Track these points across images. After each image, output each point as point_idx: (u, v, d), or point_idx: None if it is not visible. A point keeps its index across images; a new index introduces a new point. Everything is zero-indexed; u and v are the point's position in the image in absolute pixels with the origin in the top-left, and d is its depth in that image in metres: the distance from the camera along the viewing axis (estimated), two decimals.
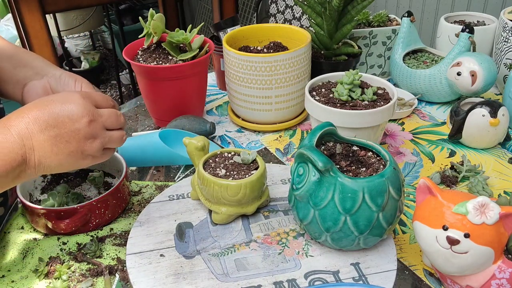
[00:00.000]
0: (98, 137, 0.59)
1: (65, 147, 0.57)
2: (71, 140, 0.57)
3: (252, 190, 0.70)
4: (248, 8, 2.53)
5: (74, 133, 0.57)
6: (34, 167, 0.57)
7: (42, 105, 0.57)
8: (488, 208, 0.52)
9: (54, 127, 0.56)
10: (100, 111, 0.61)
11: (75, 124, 0.57)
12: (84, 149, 0.58)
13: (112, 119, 0.62)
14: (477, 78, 0.94)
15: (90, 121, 0.58)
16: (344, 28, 0.98)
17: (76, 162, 0.59)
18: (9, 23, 2.44)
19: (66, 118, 0.57)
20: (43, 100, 0.59)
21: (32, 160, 0.56)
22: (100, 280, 0.66)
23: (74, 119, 0.57)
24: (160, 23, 0.94)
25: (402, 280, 0.64)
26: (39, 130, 0.56)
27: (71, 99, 0.58)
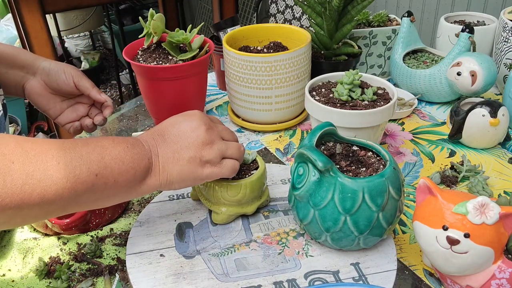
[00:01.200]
0: (216, 143, 0.64)
1: (185, 152, 0.61)
2: (191, 146, 0.62)
3: (252, 190, 0.70)
4: (248, 8, 2.53)
5: (193, 139, 0.62)
6: (158, 174, 0.60)
7: (167, 123, 0.64)
8: (488, 208, 0.52)
9: (176, 137, 0.62)
10: (216, 124, 0.67)
11: (194, 132, 0.62)
12: (202, 155, 0.62)
13: (227, 131, 0.68)
14: (477, 78, 0.94)
15: (207, 128, 0.63)
16: (344, 28, 0.98)
17: (195, 169, 0.62)
18: (9, 23, 2.44)
19: (188, 128, 0.63)
20: (169, 120, 0.65)
21: (156, 166, 0.60)
22: (100, 280, 0.66)
23: (194, 128, 0.63)
24: (160, 23, 0.94)
25: (402, 280, 0.64)
26: (163, 141, 0.62)
27: (192, 114, 0.65)
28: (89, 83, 0.82)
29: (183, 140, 0.62)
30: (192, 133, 0.62)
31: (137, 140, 0.60)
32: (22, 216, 0.50)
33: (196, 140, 0.62)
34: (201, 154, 0.62)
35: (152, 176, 0.60)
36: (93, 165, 0.54)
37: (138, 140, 0.60)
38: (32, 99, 0.83)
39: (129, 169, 0.57)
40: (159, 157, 0.60)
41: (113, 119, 1.07)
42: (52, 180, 0.50)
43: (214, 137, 0.64)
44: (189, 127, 0.63)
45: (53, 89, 0.82)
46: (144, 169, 0.59)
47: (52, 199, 0.51)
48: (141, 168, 0.58)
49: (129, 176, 0.57)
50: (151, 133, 0.63)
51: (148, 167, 0.59)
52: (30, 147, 0.51)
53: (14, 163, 0.48)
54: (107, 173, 0.55)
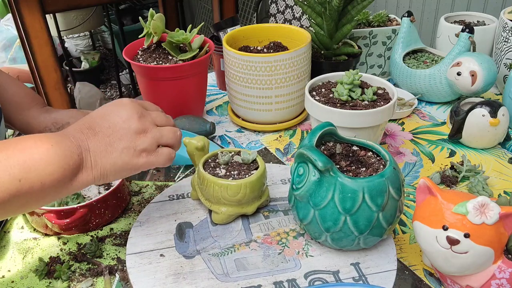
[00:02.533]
0: (149, 131, 0.61)
1: (118, 144, 0.59)
2: (123, 137, 0.59)
3: (252, 190, 0.70)
4: (248, 8, 2.53)
5: (126, 130, 0.59)
6: (91, 168, 0.58)
7: (95, 115, 0.61)
8: (488, 208, 0.52)
9: (107, 129, 0.59)
10: (148, 111, 0.63)
11: (126, 122, 0.60)
12: (136, 144, 0.60)
13: (161, 117, 0.64)
14: (477, 78, 0.94)
15: (139, 117, 0.60)
16: (344, 28, 0.98)
17: (130, 159, 0.60)
18: (9, 23, 2.44)
19: (118, 118, 0.60)
20: (97, 110, 0.62)
21: (88, 161, 0.57)
22: (100, 280, 0.66)
23: (125, 118, 0.60)
24: (160, 23, 0.94)
25: (402, 280, 0.64)
26: (93, 134, 0.58)
27: (121, 103, 0.62)
28: None
29: (115, 132, 0.59)
30: (124, 124, 0.59)
31: (64, 136, 0.57)
32: None
33: (128, 131, 0.59)
34: (135, 144, 0.60)
35: (84, 172, 0.57)
36: (14, 170, 0.51)
37: (65, 136, 0.57)
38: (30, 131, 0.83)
39: (56, 169, 0.54)
40: (90, 152, 0.58)
41: None
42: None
43: (147, 125, 0.61)
44: (120, 118, 0.60)
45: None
46: (74, 166, 0.56)
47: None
48: (70, 166, 0.55)
49: (57, 176, 0.54)
50: (80, 126, 0.59)
51: (79, 163, 0.56)
52: None
53: None
54: (32, 177, 0.52)
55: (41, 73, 1.68)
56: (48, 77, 1.69)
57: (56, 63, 1.69)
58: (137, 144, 0.60)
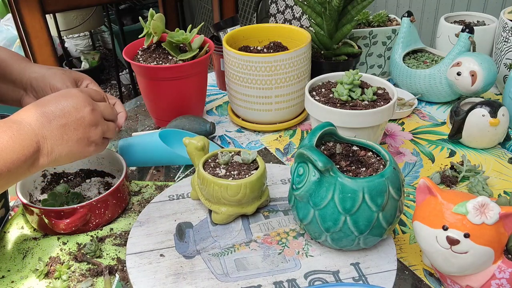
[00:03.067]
0: (99, 124, 0.66)
1: (74, 134, 0.63)
2: (78, 127, 0.63)
3: (252, 190, 0.70)
4: (248, 8, 2.53)
5: (80, 121, 0.63)
6: (47, 155, 0.61)
7: (47, 101, 0.63)
8: (488, 208, 0.52)
9: (61, 117, 0.62)
10: (98, 103, 0.68)
11: (79, 113, 0.64)
12: (89, 135, 0.65)
13: (108, 110, 0.70)
14: (477, 78, 0.94)
15: (91, 109, 0.65)
16: (344, 28, 0.98)
17: (83, 149, 0.65)
18: (9, 23, 2.44)
19: (72, 108, 0.63)
20: (46, 98, 0.64)
21: (45, 148, 0.61)
22: (100, 280, 0.66)
23: (78, 109, 0.64)
24: (160, 23, 0.94)
25: (402, 280, 0.64)
26: (48, 121, 0.61)
27: (72, 94, 0.65)
28: None
29: (70, 122, 0.63)
30: (78, 114, 0.63)
31: (21, 124, 0.59)
32: None
33: (83, 122, 0.64)
34: (88, 135, 0.65)
35: (41, 158, 0.61)
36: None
37: (22, 124, 0.59)
38: None
39: (20, 157, 0.57)
40: (46, 140, 0.61)
41: None
42: None
43: (98, 118, 0.66)
44: (73, 108, 0.63)
45: None
46: (33, 153, 0.59)
47: None
48: (31, 153, 0.59)
49: (20, 163, 0.57)
50: (33, 113, 0.61)
51: (37, 150, 0.60)
52: None
53: None
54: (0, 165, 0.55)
55: None
56: None
57: (56, 63, 1.69)
58: (90, 135, 0.65)
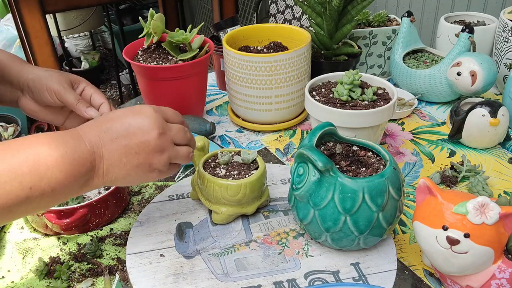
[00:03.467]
0: (167, 151, 0.59)
1: (134, 158, 0.57)
2: (141, 151, 0.57)
3: (252, 190, 0.70)
4: (248, 8, 2.53)
5: (144, 145, 0.57)
6: (102, 176, 0.56)
7: (115, 117, 0.58)
8: (488, 208, 0.52)
9: (125, 137, 0.56)
10: (170, 125, 0.61)
11: (145, 136, 0.57)
12: (152, 162, 0.58)
13: (180, 134, 0.62)
14: (477, 78, 0.94)
15: (160, 134, 0.58)
16: (344, 28, 0.98)
17: (143, 175, 0.59)
18: (9, 23, 2.44)
19: (138, 129, 0.57)
20: (116, 112, 0.59)
21: (100, 168, 0.56)
22: (100, 280, 0.66)
23: (145, 131, 0.57)
24: (160, 23, 0.94)
25: (402, 280, 0.64)
26: (109, 140, 0.56)
27: (143, 112, 0.58)
28: (74, 98, 0.73)
29: (132, 144, 0.57)
30: (143, 137, 0.57)
31: (79, 140, 0.55)
32: None
33: (147, 146, 0.57)
34: (151, 161, 0.58)
35: (95, 178, 0.56)
36: (25, 178, 0.50)
37: (80, 140, 0.55)
38: (30, 115, 0.78)
39: (68, 177, 0.53)
40: (103, 159, 0.56)
41: None
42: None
43: (166, 144, 0.59)
44: (139, 129, 0.57)
45: (44, 104, 0.76)
46: (86, 173, 0.55)
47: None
48: (82, 173, 0.54)
49: (68, 183, 0.53)
50: (97, 128, 0.57)
51: (91, 169, 0.55)
52: None
53: None
54: (43, 185, 0.51)
55: None
56: None
57: (56, 63, 1.69)
58: (153, 162, 0.58)
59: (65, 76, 0.76)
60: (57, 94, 0.72)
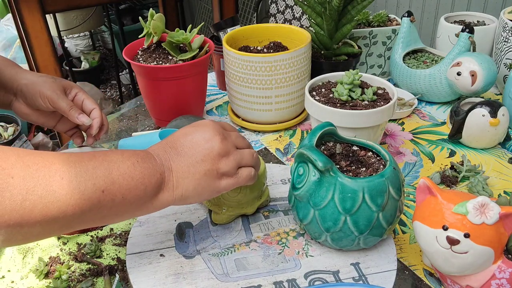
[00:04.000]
0: (231, 154, 0.61)
1: (201, 166, 0.58)
2: (206, 158, 0.59)
3: (252, 190, 0.70)
4: (248, 8, 2.53)
5: (209, 151, 0.59)
6: (172, 189, 0.57)
7: (179, 134, 0.61)
8: (488, 208, 0.52)
9: (190, 149, 0.59)
10: (229, 132, 0.63)
11: (208, 143, 0.59)
12: (219, 167, 0.59)
13: (240, 139, 0.64)
14: (477, 78, 0.94)
15: (222, 139, 0.60)
16: (344, 28, 0.98)
17: (212, 182, 0.59)
18: (9, 23, 2.44)
19: (201, 139, 0.59)
20: (179, 130, 0.62)
21: (170, 181, 0.57)
22: (100, 280, 0.66)
23: (207, 139, 0.59)
24: (160, 23, 0.94)
25: (402, 280, 0.64)
26: (176, 154, 0.58)
27: (203, 124, 0.62)
28: (66, 104, 0.74)
29: (197, 153, 0.59)
30: (207, 144, 0.59)
31: (148, 153, 0.57)
32: (23, 234, 0.48)
33: (211, 152, 0.59)
34: (217, 166, 0.59)
35: (166, 192, 0.57)
36: (99, 180, 0.51)
37: (149, 154, 0.57)
38: (22, 118, 0.79)
39: (138, 185, 0.54)
40: (172, 172, 0.57)
41: (113, 119, 1.07)
42: (54, 196, 0.48)
43: (229, 148, 0.61)
44: (202, 138, 0.59)
45: (36, 109, 0.77)
46: (156, 184, 0.56)
47: (55, 217, 0.48)
48: (152, 183, 0.55)
49: (138, 192, 0.54)
50: (163, 145, 0.60)
51: (161, 182, 0.56)
52: (32, 161, 0.48)
53: (13, 178, 0.46)
54: (114, 189, 0.52)
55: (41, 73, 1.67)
56: None
57: (56, 63, 1.69)
58: (220, 167, 0.59)
59: (58, 82, 0.77)
60: (50, 100, 0.74)
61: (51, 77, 0.77)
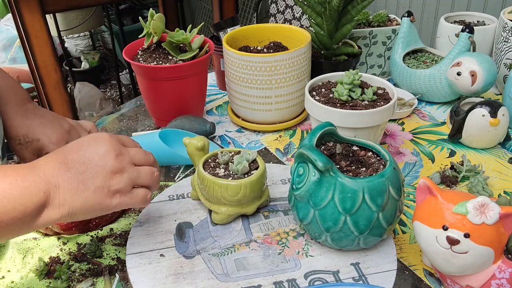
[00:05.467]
0: (126, 171, 0.58)
1: (92, 182, 0.56)
2: (98, 175, 0.56)
3: (252, 190, 0.70)
4: (248, 8, 2.53)
5: (101, 168, 0.56)
6: (58, 206, 0.54)
7: (71, 147, 0.58)
8: (488, 208, 0.52)
9: (81, 165, 0.56)
10: (127, 148, 0.60)
11: (102, 159, 0.57)
12: (110, 184, 0.57)
13: (140, 155, 0.61)
14: (477, 78, 0.94)
15: (117, 155, 0.58)
16: (344, 28, 0.98)
17: (103, 200, 0.57)
18: (9, 23, 2.44)
19: (95, 154, 0.57)
20: (74, 143, 0.59)
21: (56, 199, 0.54)
22: (100, 280, 0.66)
23: (102, 154, 0.57)
24: (160, 23, 0.94)
25: (402, 280, 0.64)
26: (66, 169, 0.55)
27: (98, 138, 0.59)
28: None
29: (89, 169, 0.56)
30: (99, 161, 0.56)
31: (32, 170, 0.54)
32: None
33: (104, 169, 0.56)
34: (109, 183, 0.56)
35: (51, 209, 0.54)
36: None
37: (34, 170, 0.54)
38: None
39: (16, 206, 0.51)
40: (59, 188, 0.54)
41: (113, 119, 1.07)
42: None
43: (124, 164, 0.58)
44: (96, 154, 0.56)
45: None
46: (38, 203, 0.53)
47: None
48: (34, 203, 0.52)
49: (17, 213, 0.51)
50: (53, 159, 0.56)
51: (44, 200, 0.53)
52: None
53: None
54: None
55: (41, 73, 1.68)
56: (48, 77, 1.69)
57: (56, 63, 1.69)
58: (112, 184, 0.57)
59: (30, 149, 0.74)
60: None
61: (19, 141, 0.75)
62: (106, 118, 1.07)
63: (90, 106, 2.50)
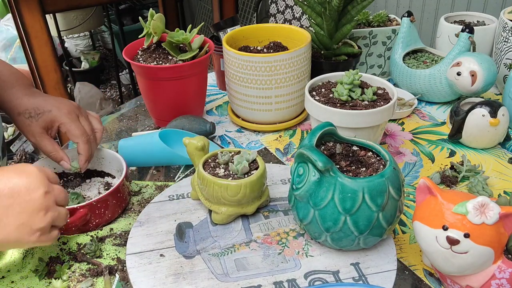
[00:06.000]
0: (50, 211, 0.57)
1: (16, 219, 0.55)
2: (24, 211, 0.55)
3: (252, 190, 0.70)
4: (248, 8, 2.53)
5: (29, 204, 0.55)
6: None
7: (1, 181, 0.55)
8: (488, 208, 0.52)
9: (8, 197, 0.54)
10: (53, 185, 0.60)
11: (31, 194, 0.55)
12: (34, 223, 0.56)
13: (62, 194, 0.61)
14: (477, 78, 0.94)
15: (46, 192, 0.57)
16: (344, 28, 0.98)
17: (22, 237, 0.56)
18: (9, 23, 2.44)
19: (23, 188, 0.55)
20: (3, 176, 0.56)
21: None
22: (100, 280, 0.66)
23: (31, 189, 0.56)
24: (160, 23, 0.94)
25: (402, 280, 0.64)
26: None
27: (28, 171, 0.57)
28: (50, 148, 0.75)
29: (15, 204, 0.54)
30: (29, 195, 0.55)
31: None
32: None
33: (32, 205, 0.55)
34: (33, 221, 0.55)
35: None
36: None
37: None
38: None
39: None
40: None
41: (113, 119, 1.07)
42: None
43: (50, 204, 0.57)
44: (26, 188, 0.55)
45: None
46: None
47: None
48: None
49: None
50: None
51: None
52: None
53: None
54: None
55: (41, 73, 1.68)
56: (48, 77, 1.69)
57: (56, 63, 1.69)
58: (35, 222, 0.56)
59: (41, 121, 0.75)
60: (34, 145, 0.72)
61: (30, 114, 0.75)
62: (106, 118, 1.08)
63: (90, 106, 2.50)
